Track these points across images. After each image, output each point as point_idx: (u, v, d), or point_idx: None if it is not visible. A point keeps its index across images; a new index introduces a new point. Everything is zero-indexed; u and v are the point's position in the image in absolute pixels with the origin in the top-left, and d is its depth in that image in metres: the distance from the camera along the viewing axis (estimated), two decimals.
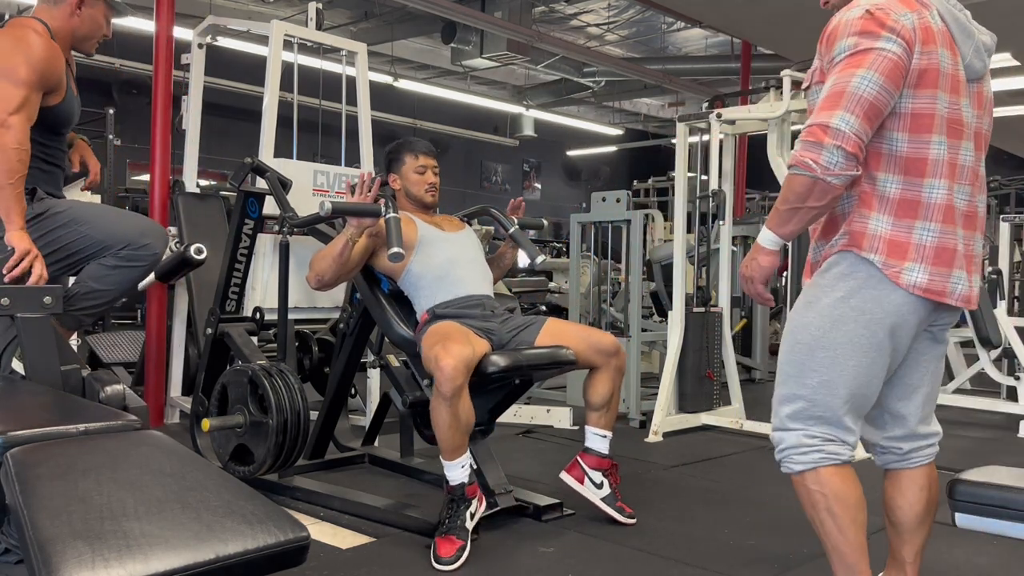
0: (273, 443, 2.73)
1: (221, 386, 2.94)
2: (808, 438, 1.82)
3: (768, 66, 9.19)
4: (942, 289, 1.77)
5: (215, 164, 9.28)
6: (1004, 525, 1.53)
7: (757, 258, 1.84)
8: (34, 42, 2.47)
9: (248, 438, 2.84)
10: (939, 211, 1.76)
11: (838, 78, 1.70)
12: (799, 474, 1.83)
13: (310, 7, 4.27)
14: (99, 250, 2.66)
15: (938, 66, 1.75)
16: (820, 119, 1.69)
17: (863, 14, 1.73)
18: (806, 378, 1.82)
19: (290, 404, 2.75)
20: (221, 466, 2.89)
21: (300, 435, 2.78)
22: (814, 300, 1.84)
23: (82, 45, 2.73)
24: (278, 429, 2.73)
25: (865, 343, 1.78)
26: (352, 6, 9.90)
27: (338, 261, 2.73)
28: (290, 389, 2.78)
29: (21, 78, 2.39)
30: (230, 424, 2.86)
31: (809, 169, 1.67)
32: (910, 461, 1.96)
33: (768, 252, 1.82)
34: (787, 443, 1.85)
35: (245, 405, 2.85)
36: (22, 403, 1.97)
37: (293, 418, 2.75)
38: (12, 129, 2.35)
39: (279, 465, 2.83)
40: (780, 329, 7.76)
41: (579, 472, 2.93)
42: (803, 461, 1.82)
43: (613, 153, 17.24)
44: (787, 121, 4.38)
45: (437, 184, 3.08)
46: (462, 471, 2.57)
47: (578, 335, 2.84)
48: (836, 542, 1.81)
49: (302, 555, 1.30)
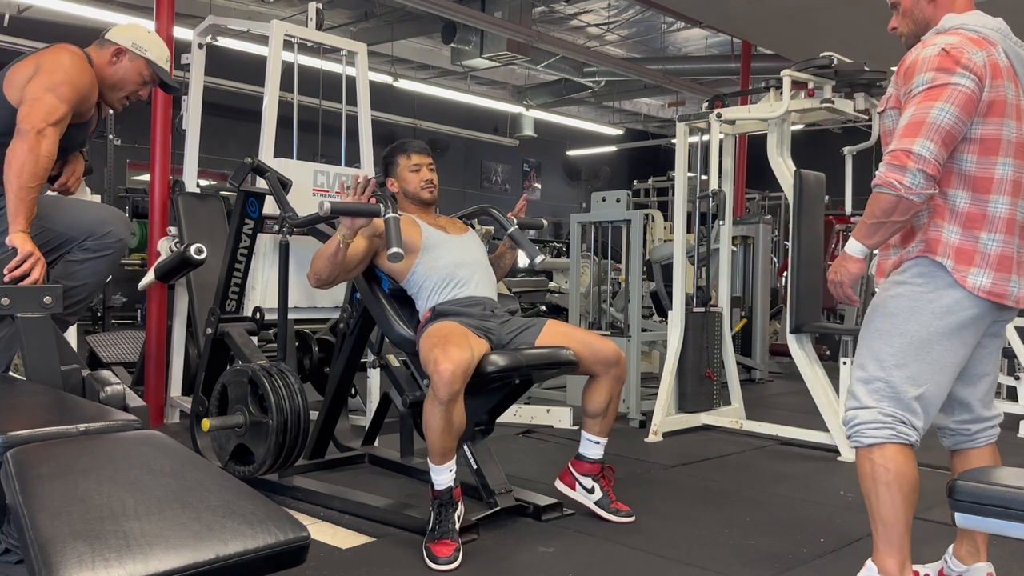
0: (273, 443, 2.73)
1: (221, 386, 2.94)
2: (882, 415, 2.05)
3: (768, 66, 9.18)
4: (1003, 292, 2.03)
5: (215, 164, 9.29)
6: (1004, 525, 1.53)
7: (846, 265, 2.07)
8: (81, 67, 2.60)
9: (248, 438, 2.84)
10: (1002, 224, 2.03)
11: (918, 108, 1.96)
12: (867, 447, 2.06)
13: (310, 7, 4.27)
14: (63, 243, 2.67)
15: (1005, 97, 2.02)
16: (903, 145, 1.94)
17: (939, 52, 1.98)
18: (885, 363, 2.06)
19: (290, 404, 2.75)
20: (221, 466, 2.90)
21: (300, 435, 2.78)
22: (895, 296, 2.09)
23: (110, 94, 2.77)
24: (278, 429, 2.73)
25: (936, 336, 2.03)
26: (352, 6, 9.90)
27: (331, 262, 2.72)
28: (290, 389, 2.78)
29: (65, 95, 2.51)
30: (230, 424, 2.86)
31: (895, 189, 1.93)
32: (977, 441, 2.25)
33: (856, 260, 2.06)
34: (861, 419, 2.08)
35: (245, 405, 2.85)
36: (22, 403, 1.97)
37: (293, 418, 2.75)
38: (48, 139, 2.44)
39: (279, 465, 2.83)
40: (780, 329, 7.77)
41: (570, 479, 2.95)
42: (874, 436, 2.05)
43: (613, 153, 17.23)
44: (787, 121, 4.37)
45: (434, 180, 3.08)
46: (450, 475, 2.57)
47: (580, 341, 2.83)
48: (887, 516, 2.02)
49: (302, 555, 1.30)
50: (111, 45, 2.73)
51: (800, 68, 4.21)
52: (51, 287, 2.21)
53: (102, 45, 2.74)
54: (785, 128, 4.39)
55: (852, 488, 3.46)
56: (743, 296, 6.86)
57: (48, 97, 2.47)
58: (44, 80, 2.49)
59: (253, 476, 2.82)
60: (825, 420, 4.04)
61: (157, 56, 2.79)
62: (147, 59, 2.76)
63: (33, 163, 2.39)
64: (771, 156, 4.33)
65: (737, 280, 6.76)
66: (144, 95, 2.86)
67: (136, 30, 2.80)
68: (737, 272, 6.76)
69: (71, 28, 7.83)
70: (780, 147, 4.34)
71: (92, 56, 2.70)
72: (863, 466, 2.08)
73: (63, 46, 2.63)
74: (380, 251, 2.89)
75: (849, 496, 3.33)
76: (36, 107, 2.44)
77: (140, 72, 2.77)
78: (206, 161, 4.94)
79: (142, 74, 2.77)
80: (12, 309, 2.08)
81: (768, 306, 7.04)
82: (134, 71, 2.76)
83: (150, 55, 2.76)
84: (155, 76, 2.80)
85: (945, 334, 2.03)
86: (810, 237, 4.15)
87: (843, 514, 3.07)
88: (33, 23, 8.95)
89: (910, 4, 2.20)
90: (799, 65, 4.24)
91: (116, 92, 2.77)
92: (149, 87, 2.84)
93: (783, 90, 4.15)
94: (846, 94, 4.20)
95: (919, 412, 2.05)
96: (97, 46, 2.74)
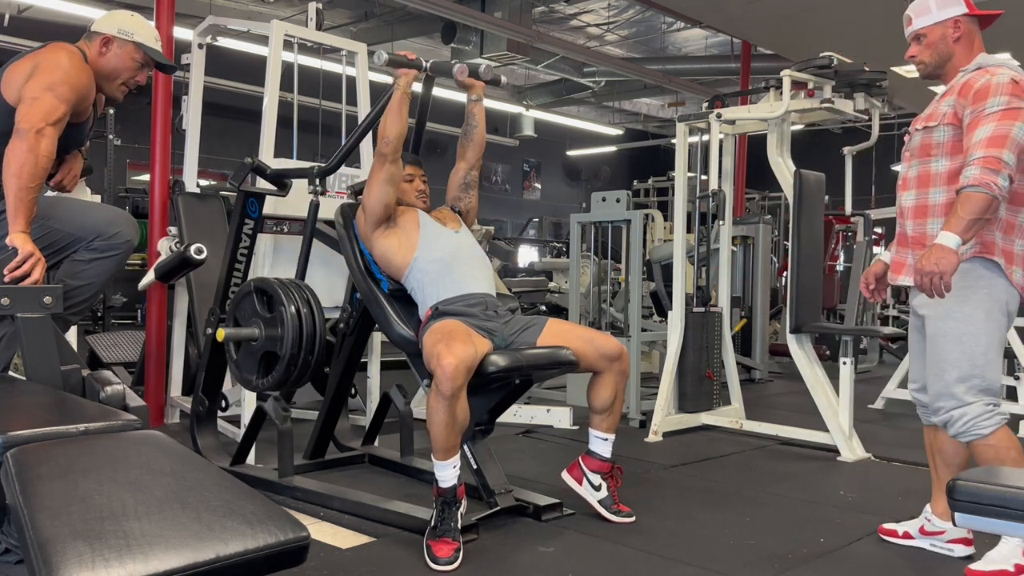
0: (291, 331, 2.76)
1: (231, 315, 3.00)
2: (986, 407, 2.34)
3: (768, 66, 9.18)
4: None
5: (215, 164, 9.28)
6: (1004, 525, 1.53)
7: (947, 256, 2.22)
8: (79, 66, 2.60)
9: (267, 344, 2.86)
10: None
11: (1000, 124, 2.26)
12: (986, 437, 2.33)
13: (310, 7, 4.27)
14: (70, 243, 2.67)
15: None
16: (994, 153, 2.23)
17: (1011, 81, 2.31)
18: (977, 359, 2.35)
19: (300, 296, 2.82)
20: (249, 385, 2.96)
21: (317, 337, 2.81)
22: (965, 297, 2.35)
23: (108, 84, 2.76)
24: (293, 329, 2.76)
25: (1001, 328, 2.37)
26: (352, 6, 9.90)
27: (398, 113, 2.87)
28: (301, 291, 2.85)
29: (64, 95, 2.50)
30: (244, 336, 2.89)
31: (991, 190, 2.21)
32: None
33: (955, 252, 2.23)
34: (971, 414, 2.34)
35: (259, 316, 2.88)
36: (22, 403, 1.97)
37: (308, 319, 2.79)
38: (47, 138, 2.44)
39: (298, 374, 2.83)
40: (780, 329, 7.77)
41: (578, 473, 2.95)
42: (989, 425, 2.33)
43: (613, 153, 17.23)
44: (787, 121, 4.37)
45: (427, 191, 3.12)
46: (454, 471, 2.58)
47: (581, 338, 2.84)
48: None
49: (302, 555, 1.30)
50: (98, 36, 2.72)
51: (800, 68, 4.21)
52: (51, 287, 2.21)
53: (89, 38, 2.73)
54: (785, 128, 4.39)
55: (852, 488, 3.46)
56: (743, 296, 6.86)
57: (47, 96, 2.46)
58: (43, 79, 2.48)
59: (280, 384, 2.84)
60: (825, 420, 4.03)
61: (145, 37, 2.77)
62: (136, 42, 2.74)
63: (32, 163, 2.39)
64: (771, 156, 4.33)
65: (737, 280, 6.76)
66: (142, 79, 2.83)
67: (119, 16, 2.78)
68: (737, 272, 6.76)
69: (71, 28, 7.82)
70: (780, 147, 4.34)
71: (84, 48, 2.69)
72: (984, 454, 2.34)
73: (60, 45, 2.62)
74: (386, 231, 2.91)
75: (849, 496, 3.33)
76: (35, 106, 2.43)
77: (132, 57, 2.75)
78: (206, 161, 4.93)
79: (134, 58, 2.76)
80: (12, 309, 2.08)
81: (768, 306, 7.04)
82: (126, 57, 2.74)
83: (138, 38, 2.75)
84: (148, 58, 2.78)
85: (1003, 325, 2.38)
86: (810, 237, 4.15)
87: (843, 514, 3.07)
88: (33, 23, 8.95)
89: (937, 39, 2.48)
90: (799, 65, 4.24)
91: (113, 82, 2.76)
92: (145, 70, 2.82)
93: (783, 90, 4.15)
94: (846, 94, 4.20)
95: (998, 392, 2.39)
96: (85, 40, 2.73)
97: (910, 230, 2.53)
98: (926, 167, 2.48)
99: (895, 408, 5.50)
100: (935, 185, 2.45)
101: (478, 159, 3.22)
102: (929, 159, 2.46)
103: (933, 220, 2.45)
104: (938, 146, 2.43)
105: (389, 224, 2.94)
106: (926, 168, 2.48)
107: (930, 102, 2.56)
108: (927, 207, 2.48)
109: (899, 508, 3.13)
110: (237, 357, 2.97)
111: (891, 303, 8.96)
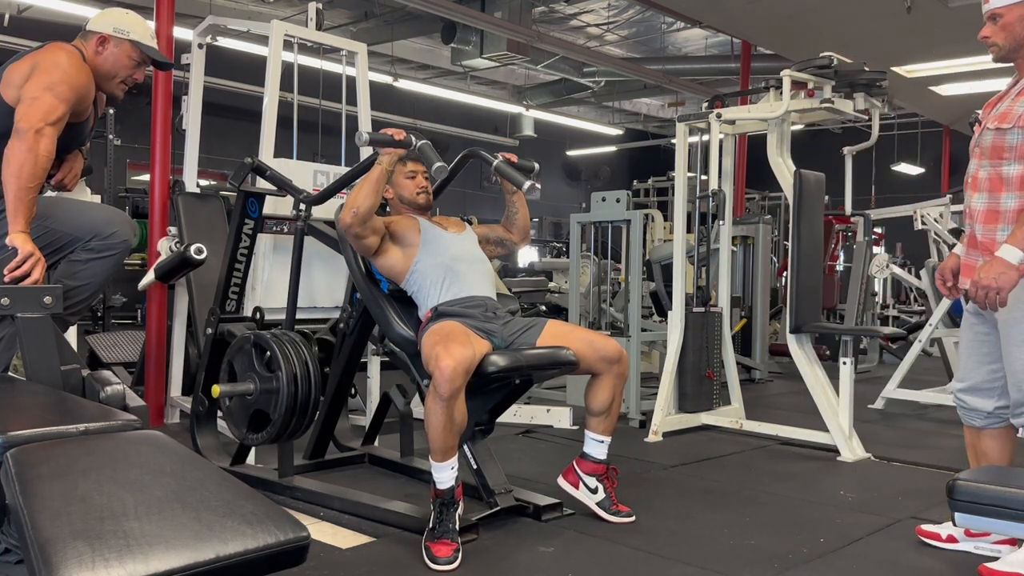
0: (285, 400, 2.76)
1: (227, 362, 2.99)
2: None
3: (768, 66, 9.18)
4: None
5: (215, 164, 9.29)
6: (1004, 525, 1.53)
7: (1008, 273, 2.21)
8: (79, 66, 2.60)
9: (261, 403, 2.86)
10: None
11: None
12: None
13: (310, 7, 4.27)
14: (67, 243, 2.67)
15: None
16: None
17: None
18: None
19: (298, 361, 2.81)
20: (237, 440, 2.96)
21: (312, 392, 2.81)
22: None
23: (107, 83, 2.76)
24: (288, 384, 2.76)
25: None
26: (352, 6, 9.90)
27: (375, 188, 2.78)
28: (296, 347, 2.84)
29: (63, 95, 2.50)
30: (240, 391, 2.89)
31: None
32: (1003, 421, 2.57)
33: (1017, 268, 2.22)
34: None
35: (254, 371, 2.88)
36: (22, 403, 1.97)
37: (303, 374, 2.79)
38: (47, 138, 2.44)
39: (293, 427, 2.84)
40: (780, 329, 7.76)
41: (574, 477, 2.95)
42: None
43: (613, 153, 17.23)
44: (787, 121, 4.37)
45: (428, 187, 3.10)
46: (451, 473, 2.57)
47: (581, 339, 2.83)
48: None
49: (302, 555, 1.30)
50: (94, 35, 2.72)
51: (800, 68, 4.21)
52: (51, 287, 2.20)
53: (85, 37, 2.73)
54: (785, 128, 4.39)
55: (852, 488, 3.46)
56: (743, 296, 6.86)
57: (46, 96, 2.46)
58: (42, 79, 2.48)
59: (271, 441, 2.84)
60: (825, 420, 4.03)
61: (141, 35, 2.77)
62: (132, 40, 2.74)
63: (32, 163, 2.39)
64: (771, 156, 4.32)
65: (737, 280, 6.76)
66: (140, 77, 2.83)
67: (114, 14, 2.78)
68: (737, 272, 6.76)
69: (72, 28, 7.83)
70: (780, 147, 4.34)
71: (83, 51, 2.69)
72: None
73: (59, 45, 2.62)
74: (382, 249, 2.89)
75: (849, 496, 3.33)
76: (35, 106, 2.43)
77: (128, 55, 2.75)
78: (206, 161, 4.94)
79: (131, 56, 2.76)
80: (12, 309, 2.08)
81: (768, 306, 7.04)
82: (122, 55, 2.74)
83: (133, 36, 2.74)
84: (145, 56, 2.78)
85: None
86: (810, 237, 4.15)
87: (843, 514, 3.07)
88: (33, 23, 8.95)
89: (1014, 20, 2.33)
90: (799, 65, 4.24)
91: (112, 81, 2.76)
92: (143, 68, 2.81)
93: (783, 90, 4.15)
94: (846, 94, 4.20)
95: None
96: (82, 39, 2.72)
97: (980, 234, 2.47)
98: (998, 170, 2.40)
99: (895, 408, 5.50)
100: (1008, 189, 2.39)
101: (524, 239, 3.23)
102: (1001, 162, 2.39)
103: (1003, 226, 2.39)
104: (1011, 149, 2.35)
105: (385, 243, 2.91)
106: (998, 171, 2.40)
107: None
108: (998, 212, 2.41)
109: (899, 508, 3.14)
110: (229, 406, 2.98)
111: (891, 303, 8.96)
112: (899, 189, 13.41)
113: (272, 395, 2.81)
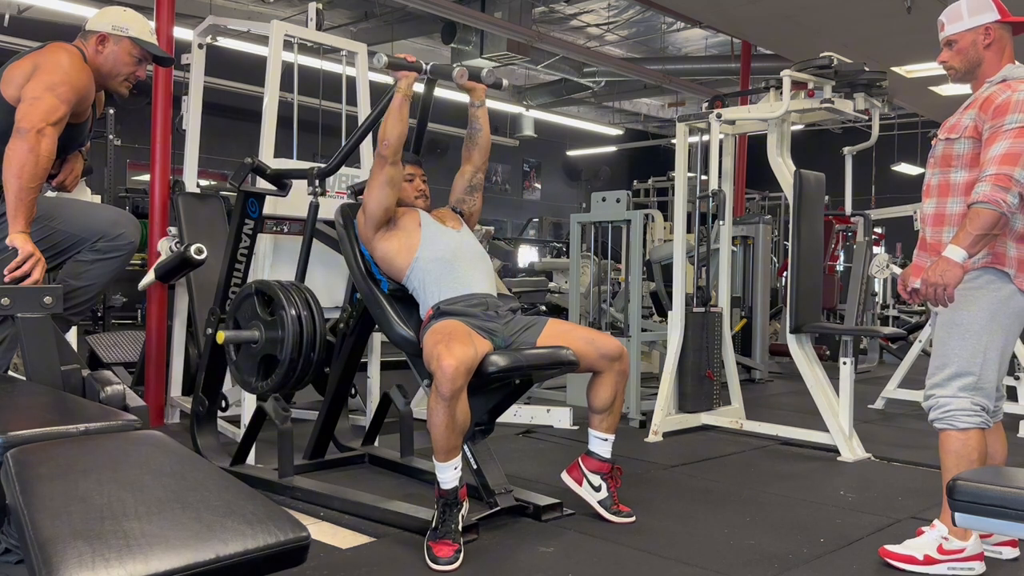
0: (290, 344, 2.77)
1: (232, 317, 3.01)
2: (973, 405, 2.41)
3: (768, 66, 9.18)
4: None
5: (215, 164, 9.29)
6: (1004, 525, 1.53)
7: (952, 270, 2.31)
8: (79, 66, 2.61)
9: (267, 347, 2.86)
10: None
11: (1015, 143, 2.32)
12: (961, 431, 2.41)
13: (310, 7, 4.27)
14: (73, 244, 2.68)
15: None
16: (1005, 171, 2.30)
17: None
18: (975, 358, 2.42)
19: (300, 299, 2.84)
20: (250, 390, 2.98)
21: (317, 338, 2.82)
22: (971, 300, 2.43)
23: (109, 82, 2.77)
24: (293, 331, 2.77)
25: (1008, 331, 2.44)
26: (352, 6, 9.90)
27: (399, 116, 2.86)
28: (301, 292, 2.86)
29: (65, 95, 2.51)
30: (244, 338, 2.89)
31: (999, 206, 2.28)
32: (996, 417, 2.60)
33: (960, 265, 2.31)
34: (955, 406, 2.42)
35: (257, 319, 2.88)
36: (22, 403, 1.97)
37: (307, 311, 2.81)
38: (48, 138, 2.44)
39: (300, 375, 2.84)
40: (780, 329, 7.77)
41: (578, 474, 2.95)
42: (968, 422, 2.41)
43: (613, 153, 17.23)
44: (787, 121, 4.37)
45: (426, 191, 3.12)
46: (455, 473, 2.58)
47: (582, 338, 2.84)
48: None
49: (302, 555, 1.30)
50: (93, 35, 2.72)
51: (800, 68, 4.21)
52: (51, 287, 2.20)
53: (85, 37, 2.73)
54: (785, 128, 4.39)
55: (852, 488, 3.46)
56: (743, 296, 6.86)
57: (48, 96, 2.46)
58: (43, 79, 2.49)
59: (280, 387, 2.85)
60: (825, 420, 4.03)
61: (139, 32, 2.77)
62: (131, 38, 2.74)
63: (33, 163, 2.39)
64: (771, 156, 4.33)
65: (737, 280, 6.76)
66: (142, 74, 2.84)
67: (112, 12, 2.79)
68: (737, 272, 6.76)
69: (72, 28, 7.83)
70: (780, 147, 4.34)
71: (84, 51, 2.69)
72: (951, 446, 2.41)
73: (60, 45, 2.62)
74: (387, 233, 2.91)
75: (849, 496, 3.33)
76: (36, 106, 2.44)
77: (128, 52, 2.76)
78: (206, 161, 4.94)
79: (131, 54, 2.76)
80: (12, 309, 2.08)
81: (768, 306, 7.04)
82: (123, 53, 2.75)
83: (132, 32, 2.75)
84: (145, 53, 2.79)
85: (1013, 331, 2.45)
86: (810, 237, 4.15)
87: (843, 514, 3.07)
88: (33, 23, 8.95)
89: (967, 45, 2.52)
90: (799, 65, 4.24)
91: (114, 79, 2.77)
92: (144, 64, 2.82)
93: (783, 90, 4.15)
94: (846, 94, 4.20)
95: (992, 396, 2.47)
96: (81, 39, 2.73)
97: (929, 236, 2.61)
98: (946, 177, 2.55)
99: (895, 408, 5.50)
100: (953, 195, 2.53)
101: (484, 162, 3.21)
102: (949, 169, 2.53)
103: (949, 229, 2.52)
104: (958, 158, 2.50)
105: (389, 227, 2.94)
106: (946, 178, 2.55)
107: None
108: (944, 216, 2.55)
109: (899, 508, 3.14)
110: (237, 359, 2.97)
111: (891, 303, 8.96)
112: (899, 189, 13.41)
113: (278, 338, 2.82)
